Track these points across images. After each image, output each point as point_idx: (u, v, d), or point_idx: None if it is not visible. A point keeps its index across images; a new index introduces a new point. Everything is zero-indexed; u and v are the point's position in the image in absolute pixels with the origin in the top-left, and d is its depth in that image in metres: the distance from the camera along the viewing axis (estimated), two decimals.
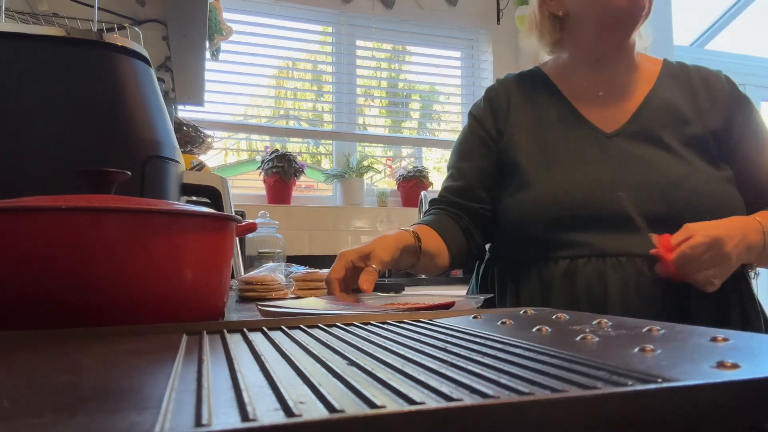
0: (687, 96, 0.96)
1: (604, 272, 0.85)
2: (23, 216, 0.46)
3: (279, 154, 2.62)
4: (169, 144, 0.82)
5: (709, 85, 0.97)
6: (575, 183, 0.90)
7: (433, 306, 0.61)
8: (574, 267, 0.87)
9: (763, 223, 0.83)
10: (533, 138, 0.98)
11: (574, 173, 0.91)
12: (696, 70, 1.00)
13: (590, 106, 0.98)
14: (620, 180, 0.88)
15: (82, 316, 0.47)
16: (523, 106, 1.02)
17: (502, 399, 0.21)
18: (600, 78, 0.99)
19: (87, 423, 0.20)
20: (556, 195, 0.90)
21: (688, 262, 0.77)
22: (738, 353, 0.29)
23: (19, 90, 0.74)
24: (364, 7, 2.87)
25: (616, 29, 0.94)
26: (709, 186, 0.88)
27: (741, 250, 0.79)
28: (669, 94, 0.96)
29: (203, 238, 0.54)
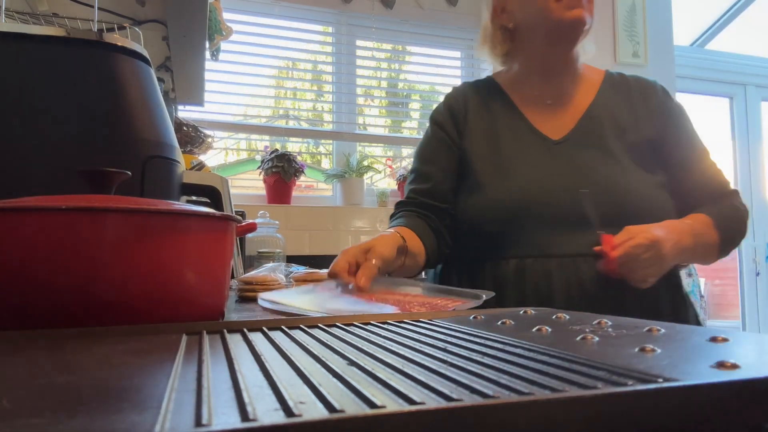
0: (626, 105, 1.04)
1: (549, 271, 0.91)
2: (23, 216, 0.46)
3: (279, 153, 2.62)
4: (169, 144, 0.82)
5: (646, 94, 1.04)
6: (524, 186, 0.96)
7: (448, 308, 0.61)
8: (522, 266, 0.93)
9: (693, 226, 0.92)
10: (486, 144, 1.04)
11: (523, 177, 0.98)
12: (635, 81, 1.07)
13: (539, 115, 1.05)
14: (565, 184, 0.94)
15: (82, 316, 0.47)
16: (478, 113, 1.08)
17: (502, 399, 0.21)
18: (548, 87, 1.05)
19: (87, 423, 0.20)
20: (506, 197, 0.96)
21: (629, 261, 0.83)
22: (738, 353, 0.29)
23: (19, 90, 0.74)
24: (364, 7, 2.87)
25: (560, 41, 1.01)
26: (643, 190, 0.95)
27: (675, 252, 0.86)
28: (610, 103, 1.03)
29: (203, 238, 0.54)
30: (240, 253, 1.21)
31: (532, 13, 1.00)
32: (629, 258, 0.83)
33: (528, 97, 1.07)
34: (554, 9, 0.97)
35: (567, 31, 0.99)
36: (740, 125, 3.61)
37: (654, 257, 0.83)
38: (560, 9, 0.97)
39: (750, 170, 3.59)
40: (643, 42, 2.67)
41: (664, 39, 2.77)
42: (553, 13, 0.97)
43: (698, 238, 0.91)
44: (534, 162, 0.99)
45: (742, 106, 3.61)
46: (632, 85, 1.06)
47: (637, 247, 0.82)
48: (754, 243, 3.55)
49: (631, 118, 1.01)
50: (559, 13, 0.97)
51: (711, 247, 0.95)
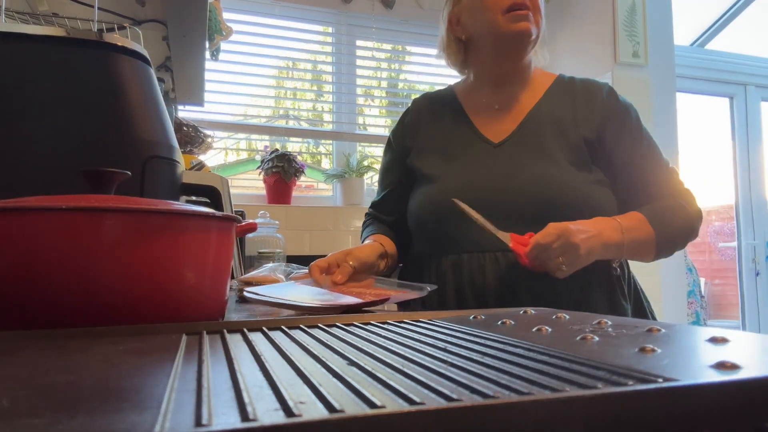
0: (568, 107, 1.08)
1: (484, 266, 0.98)
2: (23, 216, 0.46)
3: (279, 153, 2.62)
4: (169, 144, 0.82)
5: (590, 96, 1.09)
6: (463, 186, 1.03)
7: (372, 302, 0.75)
8: (460, 261, 1.00)
9: (623, 223, 0.95)
10: (434, 149, 1.13)
11: (463, 178, 1.05)
12: (582, 83, 1.12)
13: (485, 120, 1.11)
14: (499, 183, 1.01)
15: (82, 316, 0.47)
16: (430, 123, 1.17)
17: (502, 399, 0.21)
18: (497, 95, 1.12)
19: (87, 423, 0.20)
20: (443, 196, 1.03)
21: (540, 252, 0.87)
22: (738, 353, 0.29)
23: (19, 90, 0.74)
24: (364, 7, 2.87)
25: (508, 53, 1.07)
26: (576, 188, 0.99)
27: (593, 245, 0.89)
28: (553, 106, 1.08)
29: (203, 238, 0.54)
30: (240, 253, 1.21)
31: (482, 26, 1.06)
32: (539, 250, 0.87)
33: (478, 103, 1.14)
34: (501, 22, 1.03)
35: (514, 43, 1.06)
36: (740, 125, 3.61)
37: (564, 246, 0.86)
38: (507, 22, 1.03)
39: (750, 170, 3.59)
40: (643, 42, 2.67)
41: (664, 39, 2.76)
42: (501, 26, 1.03)
43: (628, 233, 0.94)
44: (473, 164, 1.06)
45: (742, 106, 3.61)
46: (578, 88, 1.10)
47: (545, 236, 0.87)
48: (754, 243, 3.55)
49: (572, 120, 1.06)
50: (506, 26, 1.03)
51: (645, 244, 0.97)
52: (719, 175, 3.84)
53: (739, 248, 3.60)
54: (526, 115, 1.08)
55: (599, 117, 1.06)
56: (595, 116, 1.06)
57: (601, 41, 2.70)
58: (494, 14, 1.04)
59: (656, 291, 2.56)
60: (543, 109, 1.08)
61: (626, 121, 1.06)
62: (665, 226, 0.98)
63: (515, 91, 1.11)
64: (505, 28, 1.04)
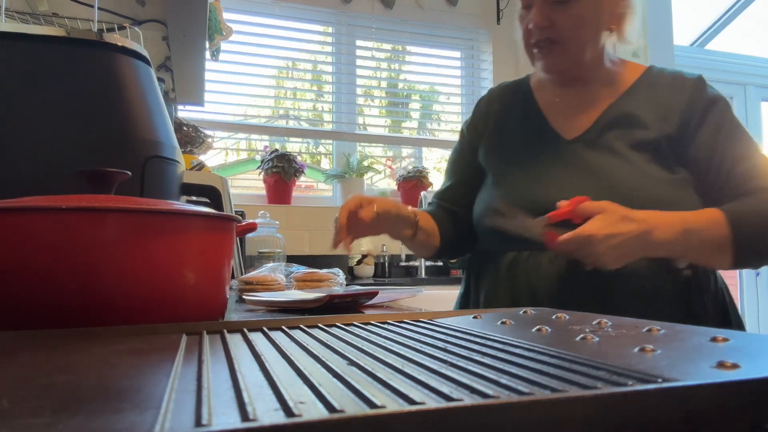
0: (651, 103, 0.99)
1: (539, 265, 0.94)
2: (23, 216, 0.46)
3: (279, 153, 2.62)
4: (169, 144, 0.82)
5: (674, 90, 1.00)
6: (525, 183, 1.00)
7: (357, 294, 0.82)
8: (517, 259, 0.97)
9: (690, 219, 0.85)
10: (501, 145, 1.08)
11: (527, 175, 1.01)
12: (669, 77, 1.03)
13: (559, 116, 1.05)
14: (567, 182, 0.96)
15: (82, 316, 0.47)
16: (500, 116, 1.12)
17: (502, 399, 0.21)
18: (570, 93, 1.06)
19: (87, 423, 0.20)
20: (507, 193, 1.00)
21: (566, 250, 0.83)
22: (738, 353, 0.29)
23: (19, 90, 0.74)
24: (364, 7, 2.87)
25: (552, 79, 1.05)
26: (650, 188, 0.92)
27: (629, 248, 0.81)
28: (633, 103, 1.01)
29: (203, 238, 0.54)
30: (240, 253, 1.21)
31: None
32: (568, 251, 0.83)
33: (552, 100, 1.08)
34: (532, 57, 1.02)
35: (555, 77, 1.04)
36: None
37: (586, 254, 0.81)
38: (535, 58, 1.01)
39: None
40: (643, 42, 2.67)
41: (664, 39, 2.77)
42: (533, 59, 1.02)
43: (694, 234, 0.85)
44: (541, 160, 1.01)
45: (742, 106, 3.61)
46: (663, 82, 1.01)
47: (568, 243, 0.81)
48: None
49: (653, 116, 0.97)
50: (535, 61, 1.01)
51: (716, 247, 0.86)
52: None
53: None
54: (602, 112, 1.01)
55: (681, 112, 0.97)
56: (678, 111, 0.97)
57: None
58: (527, 47, 1.01)
59: None
60: (623, 106, 1.00)
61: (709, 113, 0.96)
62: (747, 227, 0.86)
63: (591, 88, 1.04)
64: (533, 62, 1.02)
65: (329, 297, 0.77)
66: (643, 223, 0.82)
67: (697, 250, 0.87)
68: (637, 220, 0.82)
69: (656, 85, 1.02)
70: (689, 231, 0.84)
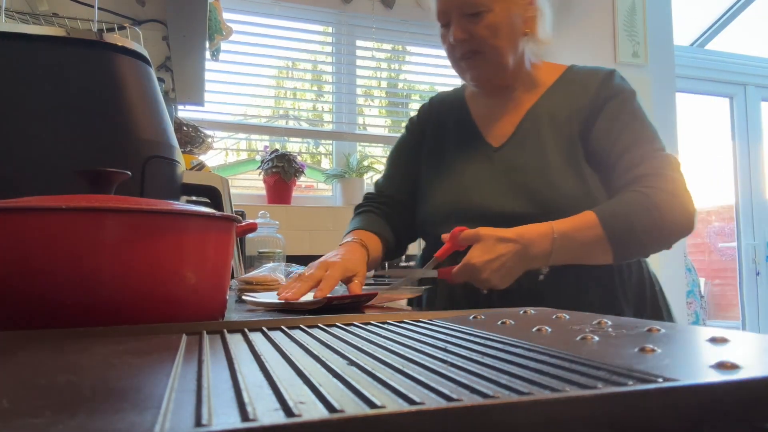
0: (567, 100, 1.04)
1: None
2: (23, 216, 0.46)
3: (279, 154, 2.62)
4: (169, 144, 0.82)
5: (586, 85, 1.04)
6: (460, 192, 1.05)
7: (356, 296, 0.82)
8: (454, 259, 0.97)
9: (557, 229, 0.89)
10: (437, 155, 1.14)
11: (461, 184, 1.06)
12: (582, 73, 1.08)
13: (488, 124, 1.11)
14: (498, 186, 1.01)
15: (82, 316, 0.47)
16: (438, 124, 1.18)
17: (501, 399, 0.21)
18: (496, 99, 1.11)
19: (87, 423, 0.20)
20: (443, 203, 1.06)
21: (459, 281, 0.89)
22: (738, 353, 0.29)
23: (19, 90, 0.74)
24: (364, 7, 2.87)
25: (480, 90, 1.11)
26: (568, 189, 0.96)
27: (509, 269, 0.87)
28: (552, 102, 1.06)
29: (203, 238, 0.54)
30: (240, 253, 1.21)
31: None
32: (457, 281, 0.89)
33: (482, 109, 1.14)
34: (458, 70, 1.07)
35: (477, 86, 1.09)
36: (740, 125, 3.61)
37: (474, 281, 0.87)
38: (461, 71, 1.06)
39: (750, 170, 3.58)
40: (643, 42, 2.67)
41: (664, 39, 2.77)
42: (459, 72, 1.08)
43: (569, 239, 0.88)
44: (473, 169, 1.06)
45: (742, 106, 3.61)
46: (578, 79, 1.06)
47: (455, 276, 0.88)
48: (754, 243, 3.55)
49: (568, 113, 1.02)
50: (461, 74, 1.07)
51: (594, 246, 0.90)
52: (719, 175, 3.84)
53: (739, 248, 3.60)
54: (523, 116, 1.06)
55: (591, 106, 1.01)
56: (587, 105, 1.01)
57: (601, 41, 2.70)
58: (453, 62, 1.07)
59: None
60: (542, 107, 1.05)
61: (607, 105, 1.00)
62: (618, 224, 0.89)
63: (515, 94, 1.09)
64: (461, 76, 1.08)
65: (327, 299, 0.77)
66: (519, 241, 0.87)
67: (575, 253, 0.91)
68: (512, 239, 0.87)
69: (572, 83, 1.07)
70: (564, 237, 0.89)
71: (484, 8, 0.98)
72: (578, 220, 0.91)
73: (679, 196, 0.92)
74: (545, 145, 1.01)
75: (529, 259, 0.88)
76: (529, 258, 0.88)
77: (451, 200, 1.05)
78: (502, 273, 0.86)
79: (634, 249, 0.93)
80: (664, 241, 0.93)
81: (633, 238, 0.91)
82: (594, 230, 0.89)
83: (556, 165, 0.98)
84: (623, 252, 0.92)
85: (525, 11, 1.03)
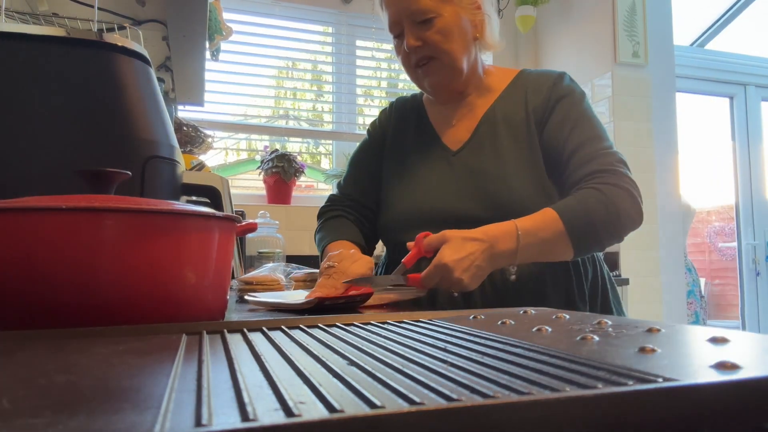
0: (521, 103, 1.07)
1: None
2: (23, 216, 0.46)
3: (279, 153, 2.62)
4: (169, 144, 0.82)
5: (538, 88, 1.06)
6: (420, 197, 1.06)
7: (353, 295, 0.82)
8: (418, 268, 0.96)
9: (521, 227, 0.90)
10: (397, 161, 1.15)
11: (421, 189, 1.07)
12: (534, 76, 1.10)
13: (446, 128, 1.13)
14: (457, 190, 1.03)
15: (82, 316, 0.47)
16: (398, 129, 1.19)
17: (501, 399, 0.21)
18: (453, 106, 1.13)
19: (87, 423, 0.20)
20: (404, 208, 1.07)
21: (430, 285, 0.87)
22: (738, 353, 0.29)
23: (19, 90, 0.74)
24: (364, 7, 2.87)
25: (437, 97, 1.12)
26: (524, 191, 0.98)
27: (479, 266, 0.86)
28: (506, 106, 1.08)
29: (203, 238, 0.54)
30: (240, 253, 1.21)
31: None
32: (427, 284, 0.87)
33: (439, 114, 1.15)
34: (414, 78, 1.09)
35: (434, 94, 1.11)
36: (740, 125, 3.61)
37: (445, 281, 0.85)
38: (418, 79, 1.08)
39: (750, 170, 3.58)
40: (643, 42, 2.67)
41: (664, 39, 2.76)
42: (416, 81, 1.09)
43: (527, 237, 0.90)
44: (434, 174, 1.08)
45: (742, 106, 3.61)
46: (529, 82, 1.08)
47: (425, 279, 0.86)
48: (755, 243, 3.55)
49: (523, 116, 1.04)
50: (418, 82, 1.09)
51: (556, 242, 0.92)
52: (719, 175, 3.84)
53: (739, 248, 3.60)
54: (479, 120, 1.08)
55: (543, 107, 1.04)
56: (540, 107, 1.04)
57: (601, 41, 2.70)
58: (409, 71, 1.08)
59: (656, 291, 2.56)
60: (496, 111, 1.08)
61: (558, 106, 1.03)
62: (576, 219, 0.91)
63: (468, 98, 1.11)
64: (419, 84, 1.10)
65: (319, 299, 0.77)
66: (484, 240, 0.88)
67: (538, 249, 0.92)
68: (477, 238, 0.88)
69: (524, 86, 1.09)
70: (528, 234, 0.90)
71: (434, 14, 1.01)
72: (539, 217, 0.93)
73: (630, 191, 0.95)
74: (502, 149, 1.03)
75: (496, 257, 0.89)
76: (496, 256, 0.89)
77: (411, 205, 1.07)
78: (472, 272, 0.86)
79: (593, 243, 0.95)
80: (617, 235, 0.96)
81: (591, 233, 0.93)
82: (555, 226, 0.91)
83: (513, 168, 1.00)
84: (583, 247, 0.94)
85: (473, 16, 1.05)
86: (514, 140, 1.03)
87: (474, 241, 0.87)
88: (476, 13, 1.05)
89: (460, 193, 1.02)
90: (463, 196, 1.02)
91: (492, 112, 1.08)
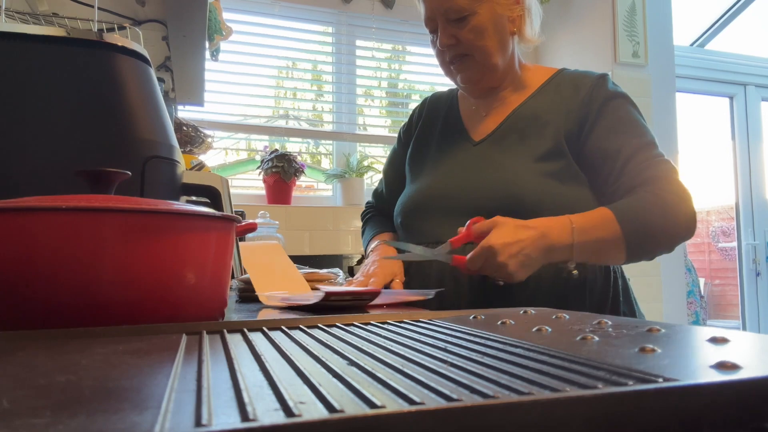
0: (555, 102, 1.05)
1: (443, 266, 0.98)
2: (23, 216, 0.46)
3: (279, 153, 2.62)
4: (169, 144, 0.82)
5: (577, 88, 1.04)
6: (431, 183, 1.07)
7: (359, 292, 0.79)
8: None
9: (576, 222, 0.87)
10: (424, 150, 1.16)
11: (438, 172, 1.08)
12: (573, 76, 1.08)
13: (474, 120, 1.13)
14: (471, 180, 1.03)
15: (82, 316, 0.47)
16: (427, 122, 1.21)
17: (501, 399, 0.21)
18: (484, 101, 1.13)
19: (87, 423, 0.20)
20: (414, 193, 1.09)
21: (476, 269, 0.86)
22: (738, 353, 0.29)
23: (19, 90, 0.74)
24: (364, 7, 2.87)
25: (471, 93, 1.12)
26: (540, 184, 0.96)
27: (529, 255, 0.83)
28: (539, 103, 1.06)
29: (203, 238, 0.54)
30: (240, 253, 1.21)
31: None
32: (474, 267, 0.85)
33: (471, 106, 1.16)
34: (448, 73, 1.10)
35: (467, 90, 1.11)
36: (740, 125, 3.61)
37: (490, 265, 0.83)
38: (452, 74, 1.08)
39: (750, 170, 3.58)
40: (643, 42, 2.67)
41: (664, 39, 2.77)
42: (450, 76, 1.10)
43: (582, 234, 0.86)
44: (451, 162, 1.08)
45: (742, 106, 3.61)
46: (568, 82, 1.06)
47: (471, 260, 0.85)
48: (755, 243, 3.55)
49: (556, 114, 1.02)
50: (452, 78, 1.09)
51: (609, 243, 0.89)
52: (719, 175, 3.84)
53: (739, 248, 3.60)
54: (508, 114, 1.08)
55: (579, 110, 1.01)
56: (576, 109, 1.01)
57: (601, 41, 2.70)
58: (443, 66, 1.09)
59: (656, 291, 2.56)
60: (528, 107, 1.07)
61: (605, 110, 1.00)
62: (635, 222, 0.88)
63: (503, 94, 1.11)
64: (452, 79, 1.10)
65: (326, 294, 0.77)
66: (537, 228, 0.85)
67: (592, 249, 0.89)
68: (530, 227, 0.85)
69: (561, 85, 1.07)
70: (582, 232, 0.87)
71: (469, 12, 1.00)
72: (595, 215, 0.90)
73: (685, 200, 0.92)
74: (523, 143, 1.02)
75: (549, 249, 0.85)
76: (549, 248, 0.85)
77: (424, 191, 1.08)
78: (520, 259, 0.83)
79: (646, 249, 0.92)
80: (670, 243, 0.93)
81: (647, 238, 0.90)
82: (612, 227, 0.88)
83: (528, 164, 0.99)
84: (635, 252, 0.90)
85: (511, 11, 1.03)
86: (538, 137, 1.01)
87: (526, 228, 0.85)
88: (514, 8, 1.04)
89: (472, 182, 1.02)
90: (474, 186, 1.01)
91: (523, 108, 1.07)
